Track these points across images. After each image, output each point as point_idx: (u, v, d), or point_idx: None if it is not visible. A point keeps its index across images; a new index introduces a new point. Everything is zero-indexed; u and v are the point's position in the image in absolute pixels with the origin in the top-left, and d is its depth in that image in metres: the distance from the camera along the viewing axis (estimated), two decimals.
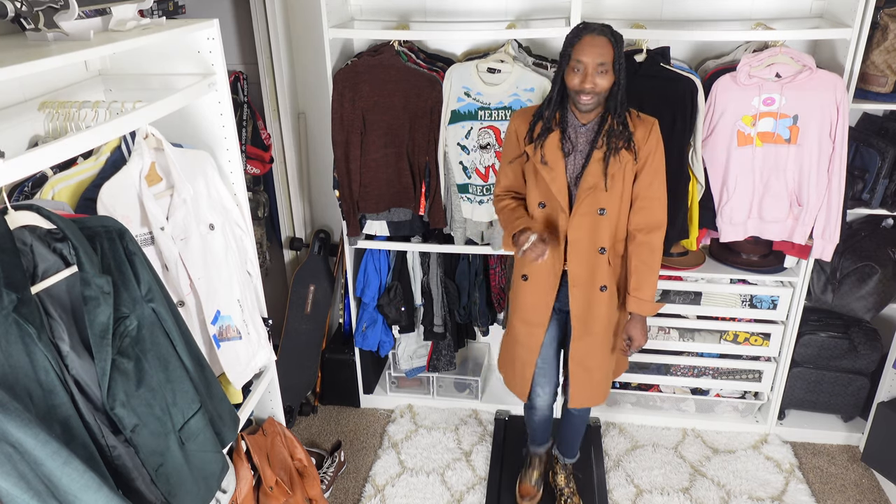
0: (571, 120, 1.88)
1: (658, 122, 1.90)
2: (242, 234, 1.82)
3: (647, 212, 1.92)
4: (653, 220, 1.92)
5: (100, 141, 1.30)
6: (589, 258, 1.94)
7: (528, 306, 2.05)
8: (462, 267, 2.79)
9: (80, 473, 1.04)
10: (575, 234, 1.91)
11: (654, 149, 1.87)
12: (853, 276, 2.52)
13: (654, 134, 1.88)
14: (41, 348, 1.09)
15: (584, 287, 1.97)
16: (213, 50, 1.68)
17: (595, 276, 1.95)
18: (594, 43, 1.74)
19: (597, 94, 1.76)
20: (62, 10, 1.29)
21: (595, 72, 1.73)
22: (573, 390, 2.10)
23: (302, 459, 2.11)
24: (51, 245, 1.18)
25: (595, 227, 1.90)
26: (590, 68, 1.73)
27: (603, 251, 1.92)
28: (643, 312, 1.98)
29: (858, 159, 2.42)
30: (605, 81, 1.75)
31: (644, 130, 1.86)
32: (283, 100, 2.83)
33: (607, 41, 1.75)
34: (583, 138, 1.88)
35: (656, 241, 1.93)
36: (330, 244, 3.05)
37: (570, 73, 1.78)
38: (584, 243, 1.92)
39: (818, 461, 2.68)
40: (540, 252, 1.81)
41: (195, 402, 1.39)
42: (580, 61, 1.74)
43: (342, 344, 2.99)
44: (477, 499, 2.51)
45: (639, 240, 1.94)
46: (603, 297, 1.97)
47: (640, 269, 1.95)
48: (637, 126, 1.87)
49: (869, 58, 2.25)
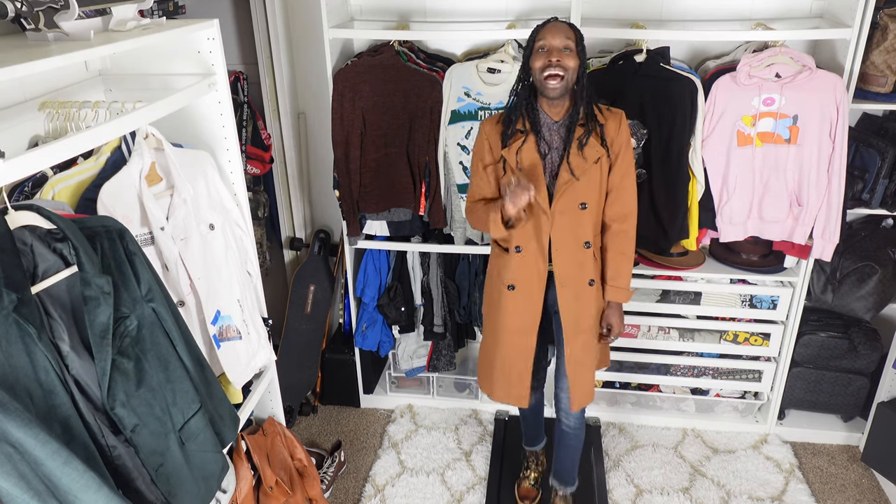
0: (544, 119, 1.88)
1: (657, 126, 1.90)
2: (242, 234, 1.82)
3: (621, 202, 1.95)
4: (627, 209, 1.96)
5: (100, 141, 1.30)
6: (575, 254, 1.94)
7: (518, 314, 2.03)
8: (462, 267, 2.79)
9: (80, 473, 1.04)
10: (558, 233, 1.91)
11: (625, 141, 1.90)
12: (853, 276, 2.52)
13: (624, 126, 1.90)
14: (41, 348, 1.09)
15: (573, 285, 1.96)
16: (213, 50, 1.68)
17: (582, 272, 1.96)
18: (557, 25, 1.79)
19: (565, 71, 1.76)
20: (62, 10, 1.29)
21: (560, 48, 1.76)
22: (573, 392, 2.07)
23: (302, 459, 2.11)
24: (51, 245, 1.18)
25: (578, 223, 1.91)
26: (555, 46, 1.76)
27: (588, 245, 1.93)
28: (621, 300, 2.01)
29: (858, 159, 2.42)
30: (570, 61, 1.76)
31: (615, 122, 1.89)
32: (283, 100, 2.83)
33: (569, 27, 1.80)
34: (557, 136, 1.89)
35: (631, 230, 1.97)
36: (330, 244, 3.05)
37: (535, 56, 1.79)
38: (568, 240, 1.92)
39: (818, 461, 2.68)
40: (525, 187, 1.73)
41: (195, 402, 1.39)
42: (545, 41, 1.77)
43: (342, 344, 2.99)
44: (477, 499, 2.51)
45: (614, 229, 1.96)
46: (591, 292, 1.98)
47: (617, 258, 1.97)
48: (608, 118, 1.89)
49: (869, 58, 2.25)
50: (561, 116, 1.87)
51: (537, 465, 2.54)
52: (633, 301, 2.66)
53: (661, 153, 2.31)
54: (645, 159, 2.35)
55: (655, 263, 2.59)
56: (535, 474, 2.51)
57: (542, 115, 1.88)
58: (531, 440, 2.53)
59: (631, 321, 2.70)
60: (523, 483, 2.50)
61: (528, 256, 1.96)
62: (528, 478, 2.51)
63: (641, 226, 2.41)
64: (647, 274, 2.61)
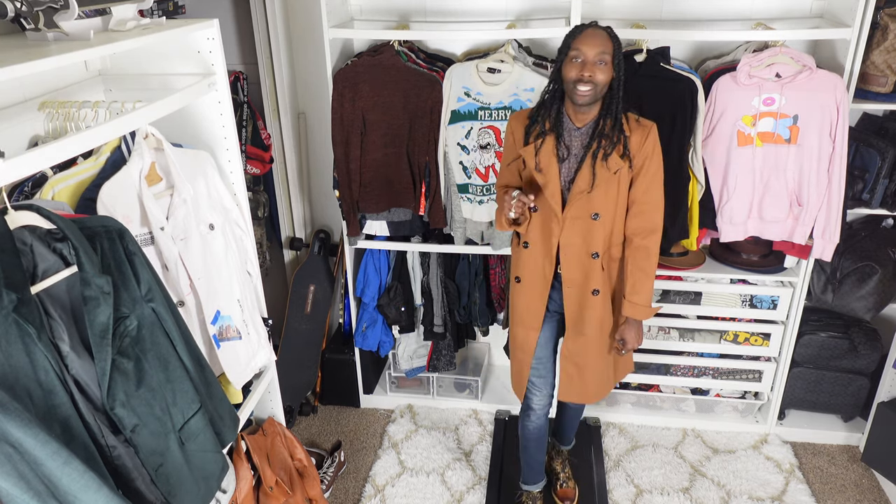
0: (567, 124, 1.86)
1: (657, 126, 1.88)
2: (242, 234, 1.82)
3: (643, 216, 1.90)
4: (649, 224, 1.91)
5: (100, 141, 1.30)
6: (581, 262, 1.93)
7: (522, 308, 2.06)
8: (462, 267, 2.79)
9: (80, 473, 1.04)
10: (567, 239, 1.90)
11: (650, 154, 1.85)
12: (853, 276, 2.52)
13: (651, 139, 1.85)
14: (41, 348, 1.09)
15: (578, 289, 1.96)
16: (213, 50, 1.68)
17: (588, 280, 1.95)
18: (595, 34, 1.74)
19: (595, 84, 1.73)
20: (62, 10, 1.29)
21: (595, 62, 1.72)
22: (560, 384, 2.09)
23: (302, 459, 2.11)
24: (51, 245, 1.18)
25: (588, 232, 1.89)
26: (589, 58, 1.72)
27: (596, 256, 1.91)
28: (638, 317, 1.96)
29: (858, 159, 2.42)
30: (603, 75, 1.73)
31: (640, 136, 1.84)
32: (283, 100, 2.83)
33: (608, 36, 1.75)
34: (577, 142, 1.86)
35: (653, 246, 1.92)
36: (330, 244, 3.05)
37: (568, 65, 1.76)
38: (575, 248, 1.91)
39: (818, 461, 2.68)
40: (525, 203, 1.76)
41: (195, 402, 1.39)
42: (579, 52, 1.73)
43: (342, 344, 2.99)
44: (477, 499, 2.51)
45: (635, 244, 1.92)
46: (595, 301, 1.96)
47: (635, 274, 1.93)
48: (633, 130, 1.84)
49: (869, 58, 2.25)
50: (585, 123, 1.85)
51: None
52: None
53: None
54: None
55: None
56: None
57: (565, 119, 1.86)
58: (530, 477, 2.34)
59: None
60: None
61: (535, 254, 1.96)
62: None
63: None
64: None
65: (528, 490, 2.38)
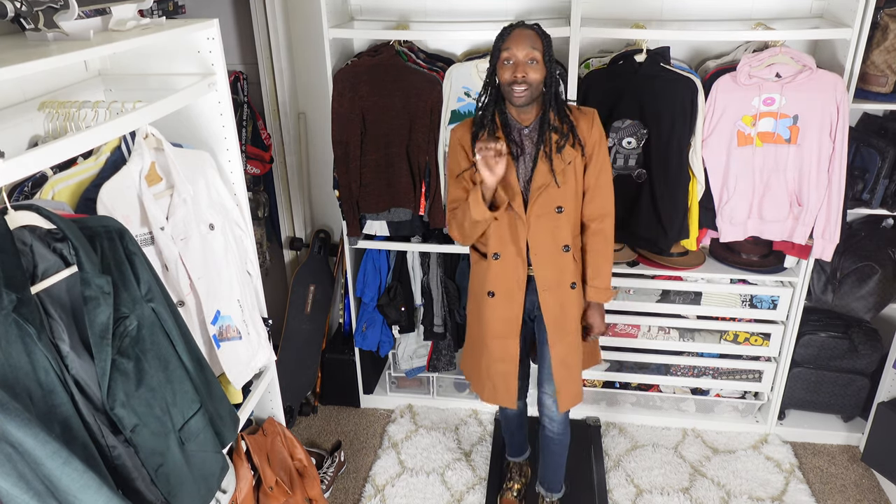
0: (514, 124, 1.88)
1: (657, 126, 1.88)
2: (242, 234, 1.82)
3: (597, 201, 1.94)
4: (603, 209, 1.94)
5: (100, 141, 1.30)
6: (553, 258, 1.93)
7: (499, 320, 2.02)
8: (462, 267, 2.79)
9: (80, 473, 1.04)
10: (535, 237, 1.90)
11: (598, 139, 1.89)
12: (853, 276, 2.52)
13: (597, 125, 1.89)
14: (41, 348, 1.09)
15: (554, 289, 1.95)
16: (213, 50, 1.68)
17: (563, 276, 1.95)
18: (523, 34, 1.76)
19: (528, 83, 1.75)
20: (62, 10, 1.29)
21: (525, 61, 1.74)
22: (561, 395, 2.05)
23: (302, 459, 2.11)
24: (51, 245, 1.18)
25: (555, 227, 1.90)
26: (520, 59, 1.74)
27: (567, 249, 1.93)
28: (601, 300, 2.00)
29: (858, 159, 2.42)
30: (536, 73, 1.75)
31: (586, 122, 1.87)
32: (283, 100, 2.83)
33: (536, 35, 1.77)
34: (528, 140, 1.88)
35: (608, 229, 1.96)
36: (330, 244, 3.05)
37: (501, 68, 1.78)
38: (546, 245, 1.92)
39: (818, 461, 2.68)
40: (498, 151, 1.72)
41: (195, 402, 1.39)
42: (510, 53, 1.75)
43: (342, 344, 2.99)
44: (477, 499, 2.51)
45: (593, 229, 1.95)
46: (573, 295, 1.97)
47: (595, 258, 1.97)
48: (579, 118, 1.87)
49: (869, 58, 2.25)
50: (530, 122, 1.87)
51: (521, 476, 2.50)
52: (633, 301, 2.66)
53: (661, 153, 2.31)
54: (645, 159, 2.35)
55: (655, 263, 2.59)
56: (518, 486, 2.47)
57: (511, 120, 1.88)
58: (515, 451, 2.51)
59: (631, 321, 2.70)
60: (506, 495, 2.45)
61: (506, 262, 1.95)
62: (512, 489, 2.46)
63: (642, 226, 2.42)
64: (647, 274, 2.61)
65: (514, 460, 2.52)
